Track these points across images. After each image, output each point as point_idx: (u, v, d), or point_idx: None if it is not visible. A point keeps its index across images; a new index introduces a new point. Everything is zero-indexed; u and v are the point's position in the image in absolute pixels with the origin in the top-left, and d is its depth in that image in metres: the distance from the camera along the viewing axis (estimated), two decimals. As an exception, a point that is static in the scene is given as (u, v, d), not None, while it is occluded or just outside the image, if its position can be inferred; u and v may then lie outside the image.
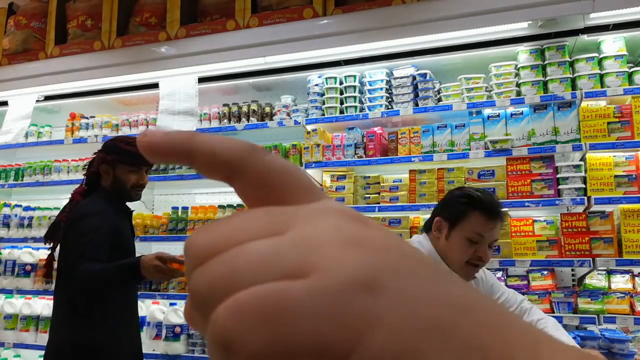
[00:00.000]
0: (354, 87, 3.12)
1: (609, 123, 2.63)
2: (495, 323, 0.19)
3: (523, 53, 2.83)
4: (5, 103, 3.69)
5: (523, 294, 2.68)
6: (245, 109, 3.36)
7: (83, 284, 1.93)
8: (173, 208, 3.42)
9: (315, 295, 0.18)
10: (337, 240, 0.19)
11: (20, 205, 3.90)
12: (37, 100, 3.62)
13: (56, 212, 3.75)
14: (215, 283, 0.19)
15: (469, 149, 2.85)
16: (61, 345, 2.03)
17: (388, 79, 3.09)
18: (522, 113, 2.81)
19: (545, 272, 2.77)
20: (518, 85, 2.82)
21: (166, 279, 2.04)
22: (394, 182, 3.04)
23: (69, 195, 2.26)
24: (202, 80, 3.22)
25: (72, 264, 1.94)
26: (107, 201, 2.14)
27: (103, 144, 2.23)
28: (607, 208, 2.62)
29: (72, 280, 1.96)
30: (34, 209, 3.85)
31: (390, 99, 3.10)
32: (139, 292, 3.25)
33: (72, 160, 3.77)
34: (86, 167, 2.28)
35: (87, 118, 3.77)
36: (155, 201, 3.98)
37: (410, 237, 2.54)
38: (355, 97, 3.12)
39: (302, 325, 0.17)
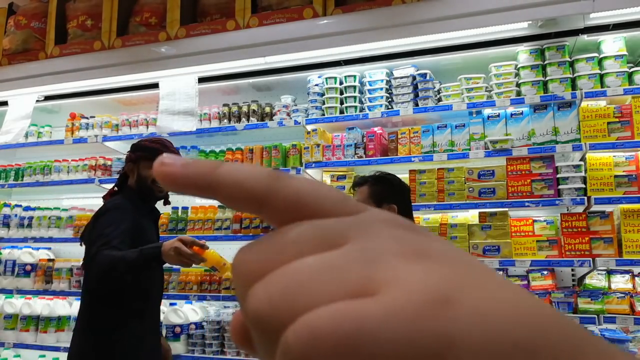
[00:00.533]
0: (354, 87, 3.12)
1: (609, 123, 2.63)
2: (574, 343, 0.17)
3: (523, 53, 2.83)
4: (5, 103, 3.69)
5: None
6: (245, 109, 3.36)
7: (103, 269, 1.87)
8: (173, 208, 3.42)
9: (393, 316, 0.16)
10: (399, 252, 0.18)
11: (20, 205, 3.90)
12: (37, 100, 3.62)
13: (56, 212, 3.76)
14: (278, 302, 0.18)
15: (469, 149, 2.85)
16: (84, 350, 2.05)
17: (388, 79, 3.09)
18: (522, 113, 2.81)
19: (545, 272, 2.77)
20: (518, 85, 2.82)
21: (186, 265, 1.98)
22: (394, 182, 3.03)
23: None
24: (202, 80, 3.22)
25: (94, 253, 1.92)
26: (130, 199, 2.16)
27: (132, 148, 2.26)
28: (607, 208, 2.62)
29: (90, 269, 1.92)
30: (34, 209, 3.85)
31: (390, 99, 3.10)
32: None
33: (72, 160, 3.77)
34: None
35: (87, 118, 3.77)
36: (155, 201, 3.98)
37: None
38: (355, 97, 3.12)
39: (384, 351, 0.16)
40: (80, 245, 2.19)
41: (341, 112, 3.14)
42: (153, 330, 2.18)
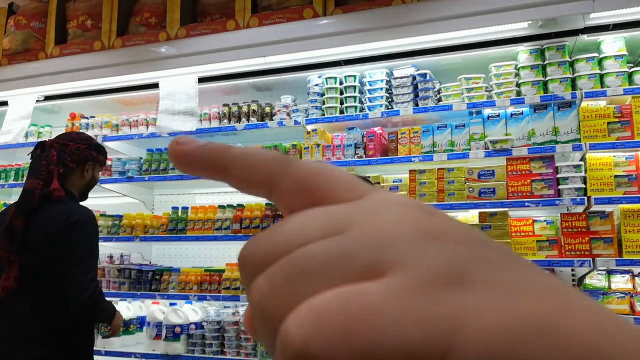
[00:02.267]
0: (354, 87, 3.12)
1: (609, 123, 2.63)
2: (602, 322, 0.16)
3: (523, 53, 2.83)
4: (5, 103, 3.69)
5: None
6: (245, 109, 3.36)
7: (90, 306, 1.85)
8: (173, 208, 3.42)
9: (399, 296, 0.16)
10: (410, 233, 0.17)
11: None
12: (37, 100, 3.62)
13: (56, 212, 3.75)
14: (281, 290, 0.17)
15: (469, 149, 2.85)
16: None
17: (388, 79, 3.09)
18: (522, 113, 2.81)
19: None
20: (518, 85, 2.82)
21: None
22: (394, 182, 3.04)
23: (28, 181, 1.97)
24: (202, 80, 3.22)
25: (86, 279, 1.84)
26: (76, 200, 2.06)
27: (82, 141, 2.08)
28: (607, 208, 2.61)
29: (81, 294, 1.84)
30: (34, 209, 3.84)
31: (390, 99, 3.10)
32: (139, 292, 3.28)
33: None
34: (46, 158, 1.98)
35: (87, 118, 3.77)
36: (155, 201, 3.99)
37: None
38: (355, 97, 3.12)
39: (389, 333, 0.15)
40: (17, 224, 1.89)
41: (341, 112, 3.14)
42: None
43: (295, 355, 0.15)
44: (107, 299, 2.03)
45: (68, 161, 2.00)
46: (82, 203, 2.11)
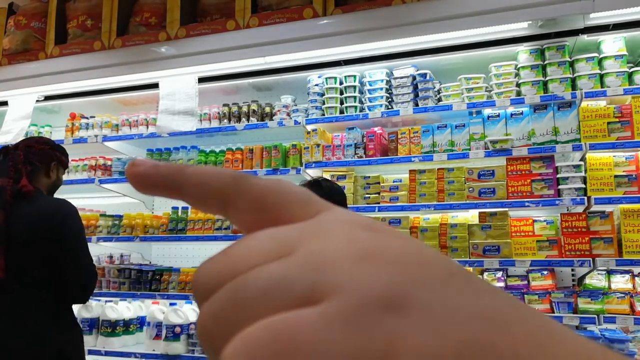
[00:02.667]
0: (354, 87, 3.12)
1: (609, 123, 2.63)
2: (542, 339, 0.16)
3: (523, 53, 2.83)
4: (5, 103, 3.69)
5: (523, 294, 2.68)
6: (245, 109, 3.36)
7: (91, 285, 2.03)
8: (173, 208, 3.42)
9: (332, 324, 0.15)
10: (350, 255, 0.17)
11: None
12: (37, 100, 3.62)
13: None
14: (221, 317, 0.17)
15: (469, 149, 2.85)
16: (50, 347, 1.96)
17: (388, 79, 3.09)
18: (522, 113, 2.81)
19: (545, 272, 2.77)
20: (518, 85, 2.82)
21: None
22: (394, 182, 3.04)
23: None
24: (202, 80, 3.22)
25: (85, 262, 2.02)
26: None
27: (45, 143, 2.18)
28: (607, 208, 2.61)
29: (82, 276, 2.01)
30: (34, 209, 3.84)
31: (390, 99, 3.10)
32: (139, 292, 3.27)
33: (72, 160, 3.76)
34: (13, 159, 2.08)
35: (87, 118, 3.77)
36: (155, 201, 3.99)
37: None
38: (355, 97, 3.12)
39: None
40: None
41: (341, 112, 3.14)
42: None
43: None
44: (107, 298, 2.08)
45: (35, 160, 2.10)
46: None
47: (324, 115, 3.16)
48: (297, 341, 0.15)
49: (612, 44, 2.72)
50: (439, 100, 3.01)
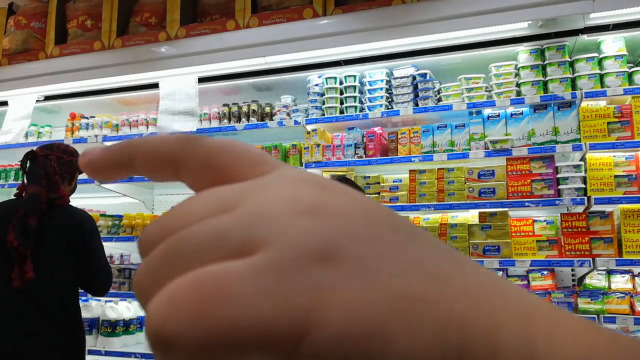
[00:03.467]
0: (354, 87, 3.12)
1: (609, 123, 2.63)
2: (480, 291, 0.16)
3: (523, 53, 2.83)
4: (5, 103, 3.69)
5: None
6: (245, 109, 3.36)
7: (110, 286, 2.24)
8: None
9: (258, 274, 0.15)
10: (291, 209, 0.17)
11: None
12: (37, 100, 3.62)
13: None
14: (154, 271, 0.17)
15: (469, 149, 2.85)
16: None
17: (388, 79, 3.09)
18: (522, 113, 2.81)
19: (545, 272, 2.77)
20: (518, 85, 2.82)
21: None
22: (394, 182, 3.04)
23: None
24: (202, 80, 3.22)
25: (107, 271, 2.23)
26: None
27: (72, 154, 2.27)
28: (607, 208, 2.61)
29: (103, 282, 2.20)
30: (34, 209, 3.84)
31: (390, 99, 3.10)
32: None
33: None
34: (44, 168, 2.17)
35: (87, 118, 3.77)
36: (155, 201, 3.99)
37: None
38: (355, 97, 3.12)
39: (243, 312, 0.15)
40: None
41: (341, 112, 3.14)
42: None
43: (152, 337, 0.15)
44: (107, 298, 2.12)
45: (64, 172, 2.22)
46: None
47: (324, 115, 3.16)
48: (221, 292, 0.15)
49: (612, 44, 2.72)
50: (439, 100, 3.01)
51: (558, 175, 2.67)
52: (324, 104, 3.17)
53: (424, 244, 0.17)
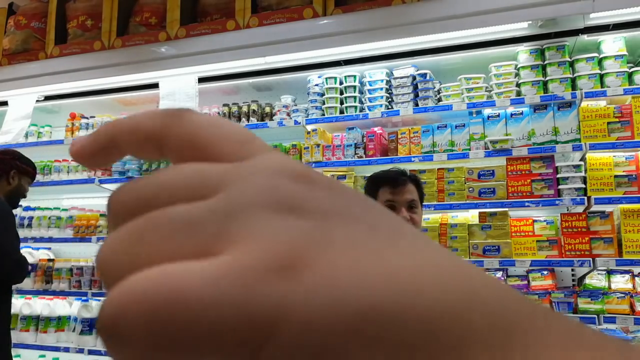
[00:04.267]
0: (354, 87, 3.12)
1: (609, 123, 2.63)
2: (460, 310, 0.14)
3: (523, 53, 2.83)
4: (5, 103, 3.69)
5: (523, 294, 2.68)
6: (245, 109, 3.36)
7: (19, 272, 2.42)
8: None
9: (219, 280, 0.14)
10: (269, 204, 0.16)
11: (21, 205, 3.89)
12: (37, 100, 3.62)
13: (56, 212, 3.76)
14: (120, 254, 0.16)
15: (469, 149, 2.85)
16: None
17: (388, 79, 3.09)
18: (522, 113, 2.81)
19: (545, 272, 2.77)
20: (518, 85, 2.82)
21: None
22: (394, 182, 3.03)
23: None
24: (202, 80, 3.22)
25: (10, 250, 2.38)
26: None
27: (6, 154, 2.59)
28: (607, 208, 2.61)
29: (18, 269, 2.41)
30: (34, 209, 3.85)
31: (390, 99, 3.10)
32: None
33: (72, 160, 3.75)
34: None
35: (87, 118, 3.77)
36: (155, 201, 3.98)
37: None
38: (355, 97, 3.12)
39: (199, 324, 0.14)
40: None
41: (341, 112, 3.14)
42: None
43: (101, 330, 0.15)
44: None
45: None
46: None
47: (324, 115, 3.16)
48: (177, 295, 0.14)
49: (612, 44, 2.72)
50: (439, 100, 3.01)
51: (558, 175, 2.67)
52: (324, 104, 3.17)
53: (406, 248, 0.16)
